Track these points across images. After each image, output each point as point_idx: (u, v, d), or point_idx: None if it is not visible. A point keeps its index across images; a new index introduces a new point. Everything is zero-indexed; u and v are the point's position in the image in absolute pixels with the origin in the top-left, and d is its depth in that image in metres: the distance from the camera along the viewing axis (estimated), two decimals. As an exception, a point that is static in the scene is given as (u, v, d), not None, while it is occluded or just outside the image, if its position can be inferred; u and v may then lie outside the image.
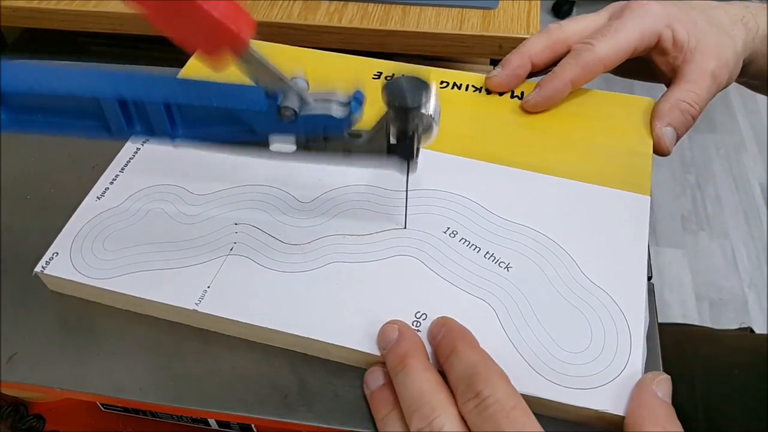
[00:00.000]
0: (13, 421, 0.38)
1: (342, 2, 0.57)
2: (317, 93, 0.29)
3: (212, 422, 0.36)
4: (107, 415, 0.38)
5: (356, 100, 0.29)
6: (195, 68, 0.43)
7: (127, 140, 0.39)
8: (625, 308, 0.31)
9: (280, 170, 0.37)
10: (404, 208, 0.35)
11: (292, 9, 0.56)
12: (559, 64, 0.40)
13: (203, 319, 0.32)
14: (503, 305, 0.31)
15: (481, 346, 0.29)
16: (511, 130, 0.40)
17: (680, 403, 0.27)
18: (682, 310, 1.30)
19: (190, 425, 0.36)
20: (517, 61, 0.41)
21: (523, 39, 0.54)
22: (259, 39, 0.27)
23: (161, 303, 0.32)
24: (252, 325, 0.31)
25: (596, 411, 0.28)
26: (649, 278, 0.34)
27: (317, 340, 0.30)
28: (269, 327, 0.31)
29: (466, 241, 0.34)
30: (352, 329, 0.30)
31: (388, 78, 0.33)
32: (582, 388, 0.28)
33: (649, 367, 0.30)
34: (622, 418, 0.28)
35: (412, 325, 0.31)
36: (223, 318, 0.31)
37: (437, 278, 0.33)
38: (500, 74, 0.41)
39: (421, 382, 0.28)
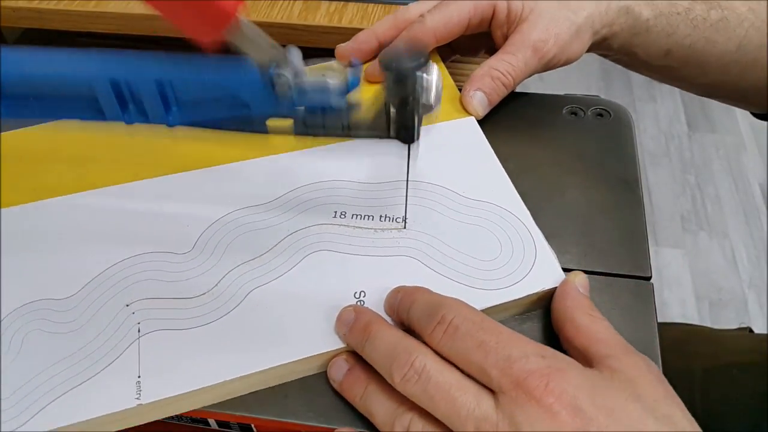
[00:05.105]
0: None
1: (342, 2, 0.57)
2: (312, 60, 0.29)
3: (212, 422, 0.36)
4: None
5: (353, 67, 0.29)
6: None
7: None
8: (509, 207, 0.36)
9: (141, 232, 0.35)
10: (405, 203, 0.35)
11: (292, 9, 0.56)
12: (395, 39, 0.41)
13: (152, 410, 0.29)
14: (420, 251, 0.34)
15: None
16: None
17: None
18: (681, 310, 1.30)
19: (189, 425, 0.36)
20: (363, 38, 0.42)
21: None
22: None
23: (97, 418, 0.28)
24: (206, 387, 0.29)
25: (538, 293, 0.32)
26: (649, 278, 0.34)
27: (281, 365, 0.29)
28: (225, 380, 0.29)
29: (357, 215, 0.35)
30: (305, 338, 0.30)
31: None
32: (518, 281, 0.32)
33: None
34: (553, 289, 0.32)
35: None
36: (174, 397, 0.29)
37: (353, 257, 0.34)
38: (347, 46, 0.42)
39: (389, 338, 0.28)
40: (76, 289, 0.32)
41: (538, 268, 0.33)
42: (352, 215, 0.35)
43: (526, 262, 0.33)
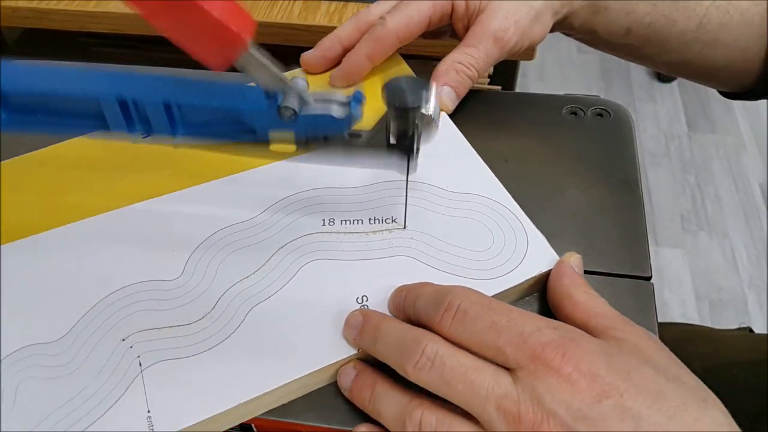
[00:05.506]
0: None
1: (342, 2, 0.57)
2: (317, 93, 0.29)
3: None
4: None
5: (356, 99, 0.29)
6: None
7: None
8: (494, 197, 0.36)
9: (125, 263, 0.33)
10: (404, 207, 0.35)
11: (292, 9, 0.56)
12: (358, 43, 0.41)
13: None
14: (415, 249, 0.34)
15: None
16: None
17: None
18: (681, 310, 1.30)
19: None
20: (327, 44, 0.42)
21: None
22: (259, 39, 0.27)
23: None
24: (223, 412, 0.28)
25: (535, 276, 0.32)
26: (649, 278, 0.34)
27: (294, 380, 0.29)
28: (238, 403, 0.28)
29: (346, 221, 0.35)
30: (314, 350, 0.30)
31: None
32: (514, 268, 0.33)
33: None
34: (548, 272, 0.32)
35: None
36: (188, 428, 0.28)
37: (349, 263, 0.33)
38: (312, 54, 0.42)
39: (397, 331, 0.28)
40: (65, 330, 0.31)
41: (532, 252, 0.33)
42: (341, 221, 0.35)
43: (519, 248, 0.34)
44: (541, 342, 0.25)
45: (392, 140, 0.31)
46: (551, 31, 0.42)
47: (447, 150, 0.39)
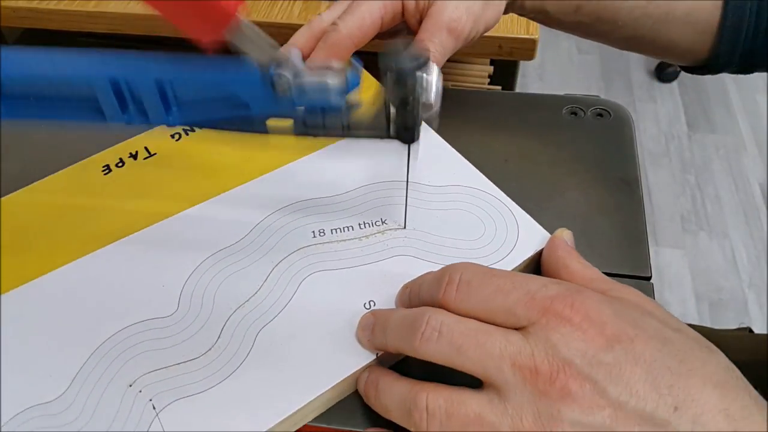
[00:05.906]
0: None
1: (341, 2, 0.57)
2: (312, 64, 0.29)
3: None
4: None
5: (353, 67, 0.29)
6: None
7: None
8: (476, 185, 0.37)
9: (114, 306, 0.32)
10: (404, 206, 0.35)
11: (292, 9, 0.56)
12: (313, 52, 0.41)
13: None
14: (411, 247, 0.34)
15: None
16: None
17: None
18: (681, 310, 1.30)
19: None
20: None
21: (523, 39, 0.54)
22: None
23: None
24: None
25: (531, 256, 0.33)
26: (649, 278, 0.34)
27: (317, 398, 0.28)
28: (269, 427, 0.27)
29: (336, 230, 0.35)
30: (332, 363, 0.29)
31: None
32: (510, 251, 0.34)
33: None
34: (542, 250, 0.33)
35: None
36: None
37: (349, 270, 0.33)
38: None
39: (402, 314, 0.28)
40: (64, 385, 0.29)
41: (524, 233, 0.34)
42: (331, 230, 0.35)
43: (511, 231, 0.34)
44: (548, 296, 0.25)
45: (392, 130, 0.30)
46: (504, 12, 0.42)
47: (422, 146, 0.38)
